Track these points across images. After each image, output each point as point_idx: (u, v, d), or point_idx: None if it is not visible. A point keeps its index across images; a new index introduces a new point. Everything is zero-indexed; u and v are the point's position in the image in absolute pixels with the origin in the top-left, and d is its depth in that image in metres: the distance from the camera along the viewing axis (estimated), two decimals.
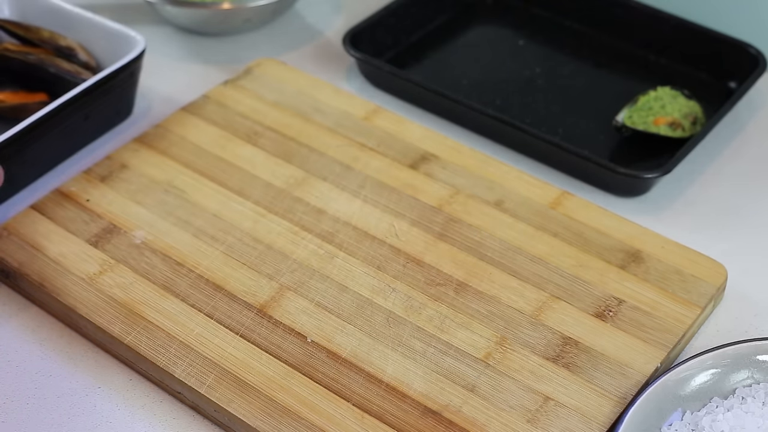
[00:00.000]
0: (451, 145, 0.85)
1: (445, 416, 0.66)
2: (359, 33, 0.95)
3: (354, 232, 0.78)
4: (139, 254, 0.77)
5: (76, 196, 0.81)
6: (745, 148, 0.90)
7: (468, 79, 0.96)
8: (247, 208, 0.80)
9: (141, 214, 0.80)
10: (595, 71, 0.98)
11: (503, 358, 0.70)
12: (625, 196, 0.85)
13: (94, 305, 0.73)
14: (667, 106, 0.88)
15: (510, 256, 0.76)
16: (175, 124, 0.87)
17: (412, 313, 0.72)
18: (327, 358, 0.70)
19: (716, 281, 0.74)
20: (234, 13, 0.98)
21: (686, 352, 0.73)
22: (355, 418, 0.66)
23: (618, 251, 0.76)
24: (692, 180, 0.87)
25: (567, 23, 1.02)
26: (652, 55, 0.98)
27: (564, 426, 0.66)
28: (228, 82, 0.92)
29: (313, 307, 0.73)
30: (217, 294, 0.74)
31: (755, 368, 0.68)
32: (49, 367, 0.72)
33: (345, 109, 0.89)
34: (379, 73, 0.95)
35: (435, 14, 1.02)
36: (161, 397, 0.71)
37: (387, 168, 0.83)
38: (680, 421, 0.66)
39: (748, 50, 0.93)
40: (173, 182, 0.82)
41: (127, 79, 0.88)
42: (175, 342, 0.71)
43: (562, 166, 0.87)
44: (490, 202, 0.80)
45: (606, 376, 0.68)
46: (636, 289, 0.74)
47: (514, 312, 0.72)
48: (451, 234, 0.78)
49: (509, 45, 1.01)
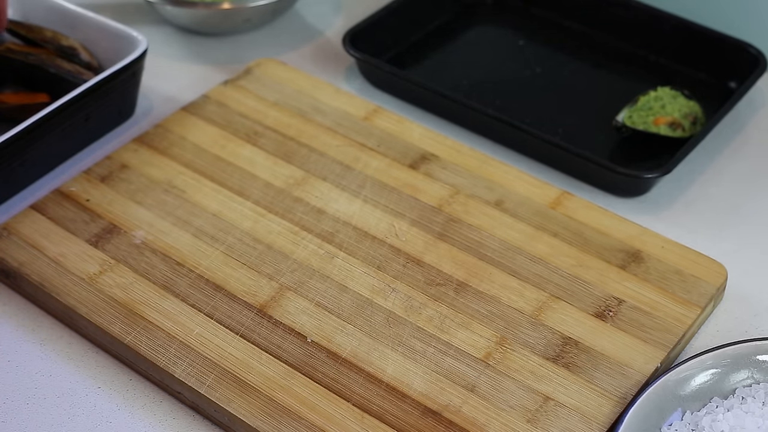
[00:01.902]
0: (451, 145, 0.85)
1: (445, 416, 0.66)
2: (359, 33, 0.95)
3: (354, 232, 0.78)
4: (139, 254, 0.77)
5: (76, 196, 0.81)
6: (745, 148, 0.90)
7: (468, 79, 0.96)
8: (247, 208, 0.80)
9: (141, 214, 0.80)
10: (595, 71, 0.98)
11: (503, 358, 0.70)
12: (625, 196, 0.85)
13: (94, 305, 0.73)
14: (667, 106, 0.88)
15: (510, 256, 0.76)
16: (175, 124, 0.87)
17: (412, 313, 0.72)
18: (327, 358, 0.70)
19: (716, 281, 0.74)
20: (234, 13, 0.98)
21: (686, 352, 0.73)
22: (355, 418, 0.66)
23: (618, 251, 0.76)
24: (692, 180, 0.87)
25: (567, 23, 1.02)
26: (652, 55, 0.98)
27: (564, 426, 0.66)
28: (228, 82, 0.92)
29: (313, 307, 0.73)
30: (217, 294, 0.74)
31: (755, 368, 0.68)
32: (49, 367, 0.72)
33: (345, 109, 0.89)
34: (379, 73, 0.95)
35: (435, 14, 1.02)
36: (161, 397, 0.71)
37: (387, 168, 0.83)
38: (680, 421, 0.66)
39: (748, 50, 0.93)
40: (173, 182, 0.82)
41: (129, 80, 0.88)
42: (175, 342, 0.71)
43: (562, 166, 0.87)
44: (490, 202, 0.80)
45: (606, 376, 0.68)
46: (636, 289, 0.74)
47: (514, 312, 0.72)
48: (451, 234, 0.78)
49: (509, 45, 1.01)
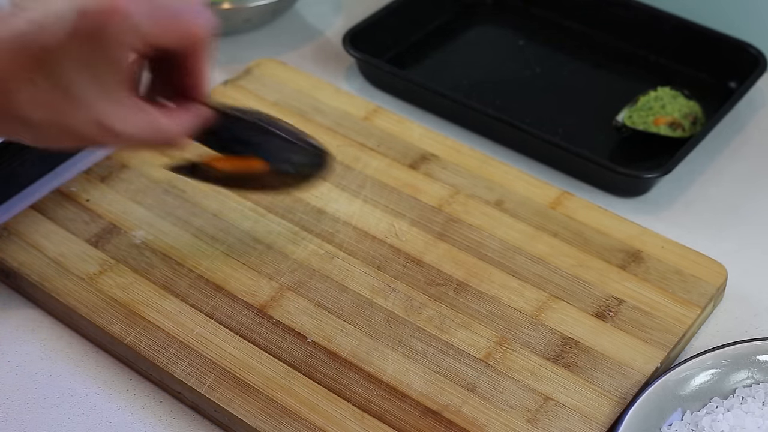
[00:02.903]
0: (451, 145, 0.85)
1: (445, 416, 0.66)
2: (359, 33, 0.95)
3: (354, 232, 0.78)
4: (138, 254, 0.77)
5: (76, 196, 0.81)
6: (745, 148, 0.90)
7: (468, 79, 0.96)
8: (246, 208, 0.80)
9: (141, 214, 0.80)
10: (595, 71, 0.98)
11: (503, 358, 0.70)
12: (625, 196, 0.85)
13: (94, 305, 0.73)
14: (667, 106, 0.88)
15: (510, 256, 0.76)
16: None
17: (412, 313, 0.72)
18: (327, 358, 0.70)
19: (716, 281, 0.74)
20: (234, 13, 0.98)
21: (686, 352, 0.73)
22: (355, 418, 0.66)
23: (618, 251, 0.76)
24: (692, 180, 0.87)
25: (567, 23, 1.02)
26: (652, 55, 0.98)
27: (564, 426, 0.66)
28: (228, 82, 0.92)
29: (313, 307, 0.73)
30: (217, 294, 0.74)
31: (755, 368, 0.68)
32: (49, 367, 0.72)
33: (345, 109, 0.89)
34: (379, 73, 0.95)
35: (435, 14, 1.02)
36: (161, 397, 0.71)
37: (387, 168, 0.83)
38: (680, 421, 0.66)
39: (748, 50, 0.93)
40: (173, 182, 0.82)
41: None
42: (175, 342, 0.71)
43: (562, 166, 0.87)
44: (490, 202, 0.80)
45: (606, 376, 0.68)
46: (636, 289, 0.74)
47: (514, 312, 0.72)
48: (451, 234, 0.78)
49: (509, 45, 1.01)
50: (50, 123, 0.58)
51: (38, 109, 0.58)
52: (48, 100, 0.58)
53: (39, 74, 0.57)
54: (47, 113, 0.58)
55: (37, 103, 0.58)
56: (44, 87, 0.57)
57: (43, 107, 0.58)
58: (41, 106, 0.58)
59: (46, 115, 0.58)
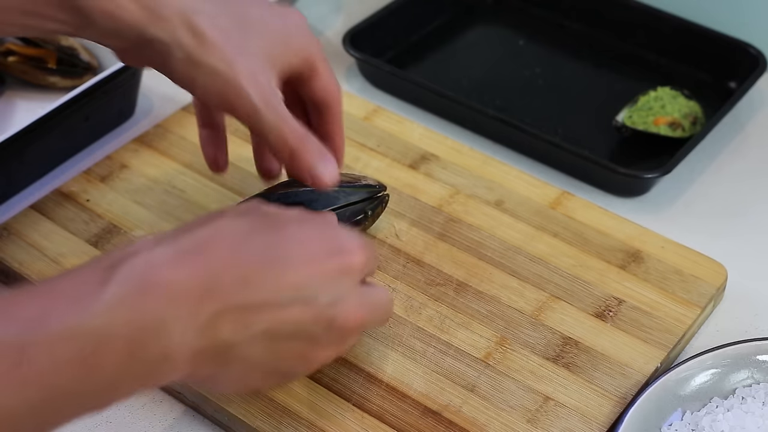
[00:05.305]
0: (451, 145, 0.85)
1: (445, 416, 0.66)
2: (359, 33, 0.95)
3: None
4: None
5: (76, 196, 0.81)
6: (745, 148, 0.90)
7: (468, 79, 0.96)
8: None
9: (141, 214, 0.80)
10: (595, 71, 0.98)
11: (503, 358, 0.70)
12: (625, 196, 0.85)
13: None
14: (667, 106, 0.88)
15: (510, 256, 0.76)
16: (176, 124, 0.87)
17: (412, 313, 0.72)
18: None
19: (716, 281, 0.74)
20: None
21: (686, 352, 0.73)
22: (355, 418, 0.66)
23: (618, 251, 0.76)
24: (692, 180, 0.87)
25: (567, 23, 1.02)
26: (652, 55, 0.98)
27: (564, 426, 0.66)
28: None
29: None
30: None
31: (755, 368, 0.68)
32: None
33: (345, 109, 0.88)
34: (379, 73, 0.95)
35: (435, 14, 1.02)
36: (161, 397, 0.71)
37: (387, 168, 0.83)
38: (680, 421, 0.66)
39: (748, 50, 0.93)
40: (173, 182, 0.82)
41: (129, 80, 0.88)
42: None
43: (562, 166, 0.87)
44: (490, 202, 0.80)
45: (606, 376, 0.68)
46: (636, 289, 0.74)
47: (514, 312, 0.72)
48: (451, 234, 0.78)
49: (509, 45, 1.01)
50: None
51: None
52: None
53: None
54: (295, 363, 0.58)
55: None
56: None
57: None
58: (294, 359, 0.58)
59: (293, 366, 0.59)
